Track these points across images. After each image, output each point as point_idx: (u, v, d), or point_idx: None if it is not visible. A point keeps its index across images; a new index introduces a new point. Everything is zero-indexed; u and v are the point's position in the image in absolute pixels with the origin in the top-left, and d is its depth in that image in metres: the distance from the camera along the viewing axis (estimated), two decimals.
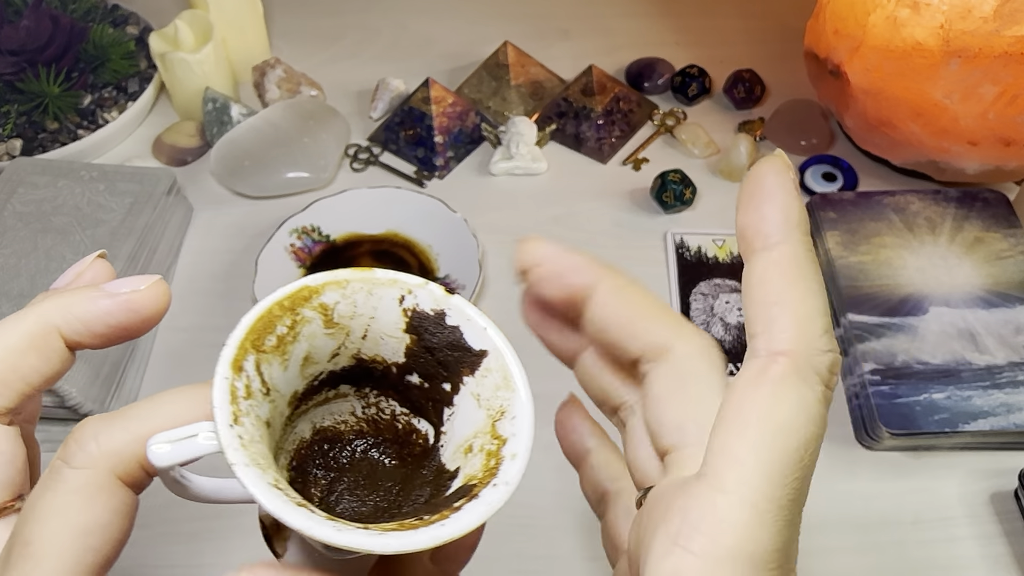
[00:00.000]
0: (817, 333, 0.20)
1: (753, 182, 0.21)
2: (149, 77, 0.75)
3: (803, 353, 0.20)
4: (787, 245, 0.20)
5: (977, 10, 0.56)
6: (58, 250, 0.57)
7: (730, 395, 0.20)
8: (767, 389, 0.19)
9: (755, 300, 0.21)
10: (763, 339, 0.20)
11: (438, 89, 0.71)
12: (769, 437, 0.19)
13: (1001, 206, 0.63)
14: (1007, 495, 0.52)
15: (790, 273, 0.20)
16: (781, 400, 0.19)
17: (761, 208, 0.21)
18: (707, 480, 0.19)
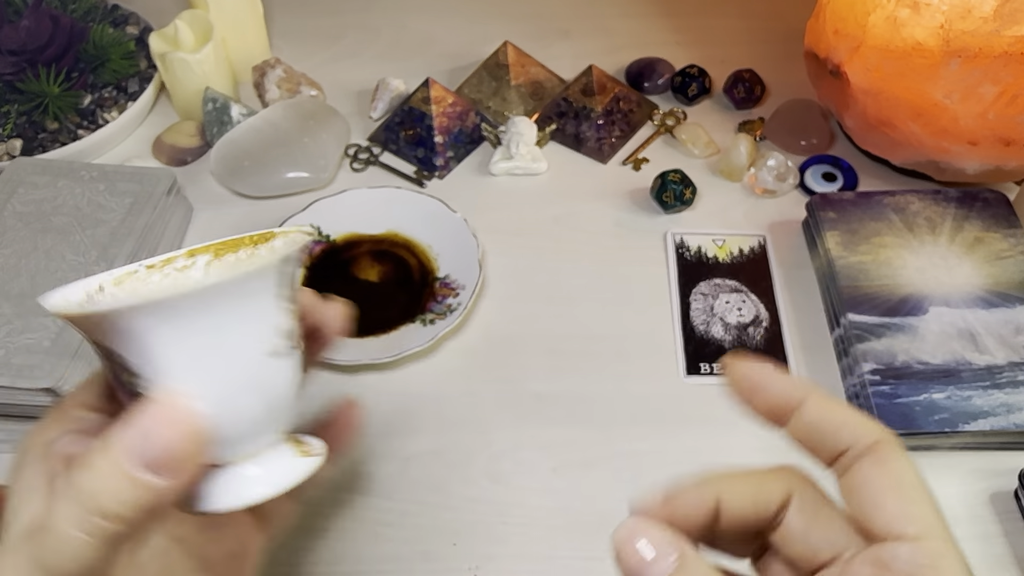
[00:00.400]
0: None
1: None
2: (149, 77, 0.75)
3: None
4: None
5: (977, 10, 0.56)
6: (58, 250, 0.57)
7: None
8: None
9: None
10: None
11: (438, 89, 0.71)
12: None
13: (1001, 206, 0.63)
14: (1007, 495, 0.52)
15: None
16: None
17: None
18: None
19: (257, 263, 0.25)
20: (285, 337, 0.26)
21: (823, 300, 0.62)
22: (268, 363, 0.26)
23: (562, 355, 0.59)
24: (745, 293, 0.62)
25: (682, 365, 0.58)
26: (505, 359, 0.59)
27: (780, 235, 0.66)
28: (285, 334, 0.26)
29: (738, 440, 0.54)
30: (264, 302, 0.26)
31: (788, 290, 0.63)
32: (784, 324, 0.60)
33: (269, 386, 0.26)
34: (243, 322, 0.26)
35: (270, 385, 0.26)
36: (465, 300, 0.59)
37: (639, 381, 0.57)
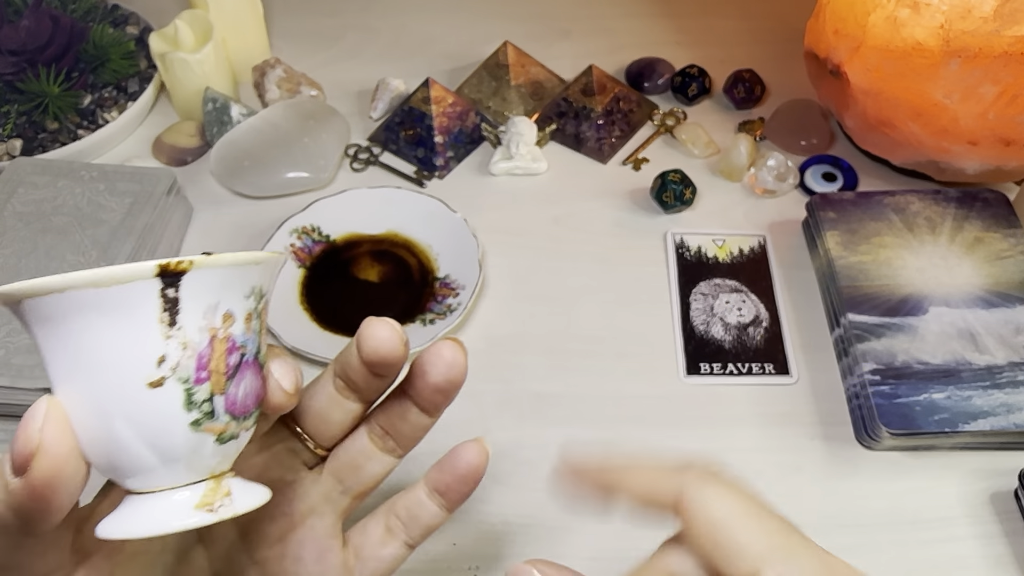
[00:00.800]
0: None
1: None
2: (149, 77, 0.75)
3: None
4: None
5: (977, 10, 0.56)
6: (58, 250, 0.57)
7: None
8: None
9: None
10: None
11: (438, 89, 0.71)
12: None
13: (1001, 206, 0.63)
14: (1007, 495, 0.52)
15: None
16: None
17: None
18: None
19: (123, 275, 0.23)
20: (167, 369, 0.24)
21: (823, 300, 0.62)
22: (146, 393, 0.24)
23: (562, 355, 0.59)
24: (745, 293, 0.62)
25: (682, 365, 0.58)
26: (505, 359, 0.59)
27: (780, 235, 0.66)
28: (169, 366, 0.24)
29: (738, 440, 0.54)
30: (141, 324, 0.24)
31: (788, 290, 0.63)
32: (784, 324, 0.60)
33: (144, 418, 0.24)
34: (120, 342, 0.24)
35: (146, 417, 0.24)
36: (465, 300, 0.59)
37: (639, 381, 0.57)
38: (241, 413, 0.26)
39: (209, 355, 0.25)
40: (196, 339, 0.25)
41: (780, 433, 0.55)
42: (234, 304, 0.26)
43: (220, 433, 0.26)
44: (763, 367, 0.58)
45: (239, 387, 0.26)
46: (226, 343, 0.25)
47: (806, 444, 0.54)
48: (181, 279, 0.24)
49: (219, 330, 0.25)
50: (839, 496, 0.52)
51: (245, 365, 0.26)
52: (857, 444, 0.54)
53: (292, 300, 0.61)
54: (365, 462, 0.34)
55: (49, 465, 0.24)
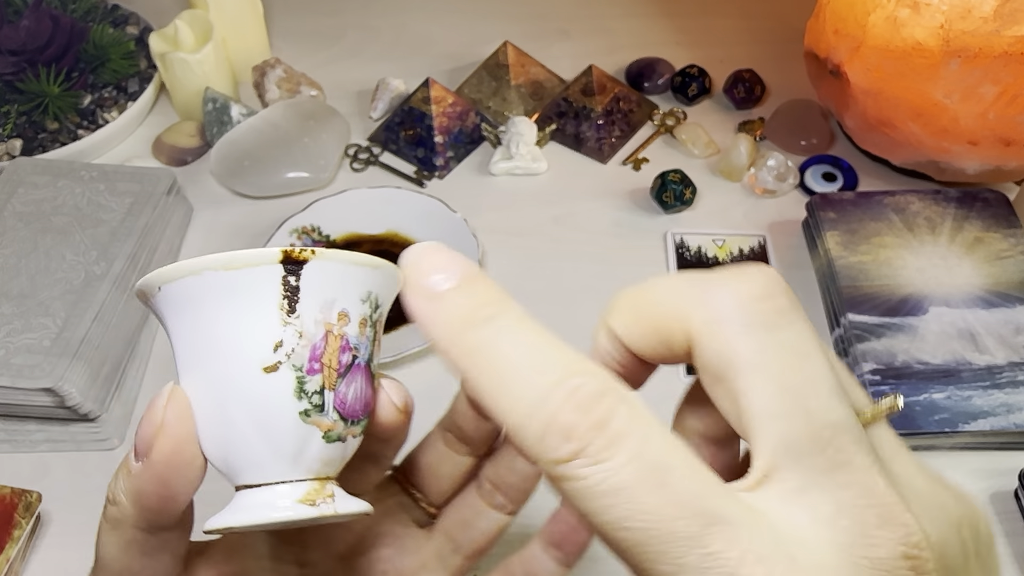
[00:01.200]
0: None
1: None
2: (149, 77, 0.75)
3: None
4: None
5: (977, 10, 0.56)
6: (58, 250, 0.57)
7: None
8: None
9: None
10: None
11: (438, 89, 0.71)
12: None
13: (1001, 206, 0.63)
14: (1007, 495, 0.52)
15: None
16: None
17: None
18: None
19: (252, 258, 0.24)
20: (283, 354, 0.25)
21: (823, 300, 0.62)
22: (261, 378, 0.25)
23: None
24: None
25: (682, 365, 0.58)
26: None
27: (780, 235, 0.66)
28: (284, 352, 0.25)
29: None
30: (263, 308, 0.25)
31: None
32: None
33: (258, 403, 0.25)
34: (242, 324, 0.25)
35: (259, 402, 0.25)
36: None
37: None
38: (350, 415, 0.26)
39: (323, 348, 0.25)
40: (312, 330, 0.25)
41: None
42: (350, 304, 0.26)
43: (328, 430, 0.26)
44: None
45: (349, 387, 0.26)
46: (340, 340, 0.26)
47: None
48: (303, 268, 0.25)
49: (334, 326, 0.26)
50: None
51: (356, 368, 0.26)
52: None
53: None
54: (475, 518, 0.32)
55: (171, 446, 0.24)
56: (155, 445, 0.24)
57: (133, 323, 0.58)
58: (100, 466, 0.53)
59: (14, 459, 0.54)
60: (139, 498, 0.25)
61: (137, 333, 0.58)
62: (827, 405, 0.19)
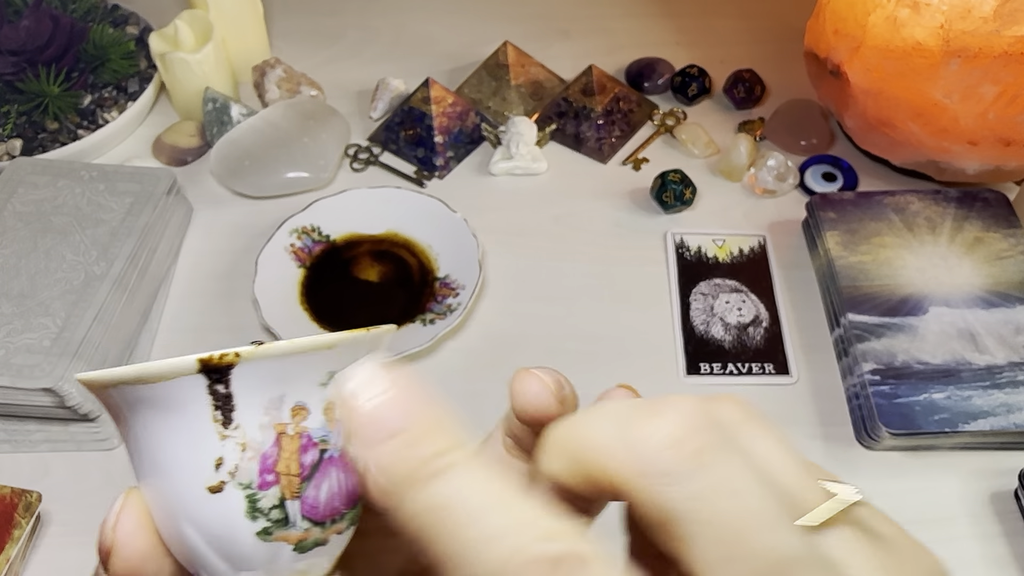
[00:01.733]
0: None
1: None
2: (149, 77, 0.75)
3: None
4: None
5: (977, 10, 0.56)
6: (58, 250, 0.57)
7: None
8: None
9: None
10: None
11: (438, 89, 0.71)
12: None
13: (1001, 206, 0.63)
14: (1007, 495, 0.52)
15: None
16: None
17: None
18: None
19: (166, 370, 0.21)
20: (225, 473, 0.22)
21: (823, 300, 0.62)
22: (207, 498, 0.22)
23: (562, 355, 0.59)
24: (745, 293, 0.62)
25: (682, 365, 0.58)
26: (505, 359, 0.59)
27: (780, 235, 0.66)
28: (227, 469, 0.22)
29: None
30: (195, 422, 0.22)
31: (788, 290, 0.63)
32: (784, 324, 0.60)
33: (209, 525, 0.22)
34: (178, 442, 0.22)
35: (210, 524, 0.22)
36: (465, 300, 0.59)
37: (639, 381, 0.57)
38: (327, 517, 0.23)
39: (276, 456, 0.22)
40: (258, 438, 0.22)
41: None
42: (306, 395, 0.23)
43: (299, 541, 0.23)
44: (763, 367, 0.58)
45: (320, 489, 0.23)
46: (299, 440, 0.22)
47: (806, 444, 0.54)
48: (230, 373, 0.22)
49: (288, 425, 0.22)
50: None
51: (329, 462, 0.23)
52: (857, 444, 0.54)
53: (292, 300, 0.61)
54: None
55: (125, 566, 0.22)
56: (110, 565, 0.22)
57: (133, 323, 0.58)
58: (100, 466, 0.53)
59: (14, 459, 0.54)
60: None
61: (137, 333, 0.58)
62: (771, 541, 0.19)
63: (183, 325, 0.60)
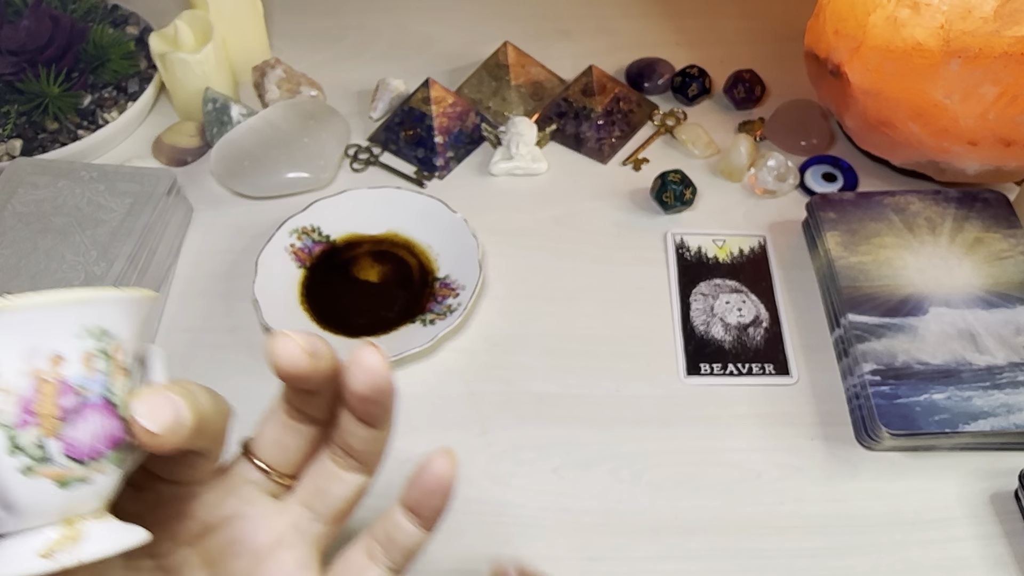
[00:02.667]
0: None
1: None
2: (149, 77, 0.75)
3: None
4: None
5: (977, 10, 0.56)
6: (58, 250, 0.57)
7: None
8: None
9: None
10: None
11: (438, 89, 0.71)
12: None
13: (1001, 206, 0.63)
14: (1007, 495, 0.52)
15: None
16: None
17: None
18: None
19: None
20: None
21: (823, 300, 0.62)
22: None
23: (562, 355, 0.59)
24: (745, 293, 0.62)
25: (682, 365, 0.58)
26: (505, 359, 0.59)
27: (780, 235, 0.66)
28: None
29: (738, 440, 0.54)
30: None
31: (788, 290, 0.63)
32: (784, 324, 0.60)
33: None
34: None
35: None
36: (465, 300, 0.59)
37: (639, 381, 0.57)
38: (88, 456, 0.26)
39: (35, 398, 0.25)
40: (16, 382, 0.24)
41: (780, 433, 0.55)
42: (62, 345, 0.25)
43: (61, 477, 0.25)
44: (763, 367, 0.58)
45: (78, 430, 0.25)
46: (57, 385, 0.25)
47: (806, 444, 0.54)
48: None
49: (45, 372, 0.25)
50: (839, 497, 0.52)
51: (87, 407, 0.26)
52: (857, 444, 0.54)
53: (292, 300, 0.61)
54: (329, 484, 0.32)
55: None
56: None
57: None
58: None
59: None
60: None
61: None
62: None
63: (183, 325, 0.60)
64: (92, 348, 0.26)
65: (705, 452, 0.54)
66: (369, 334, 0.59)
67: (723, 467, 0.53)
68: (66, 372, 0.25)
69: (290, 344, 0.28)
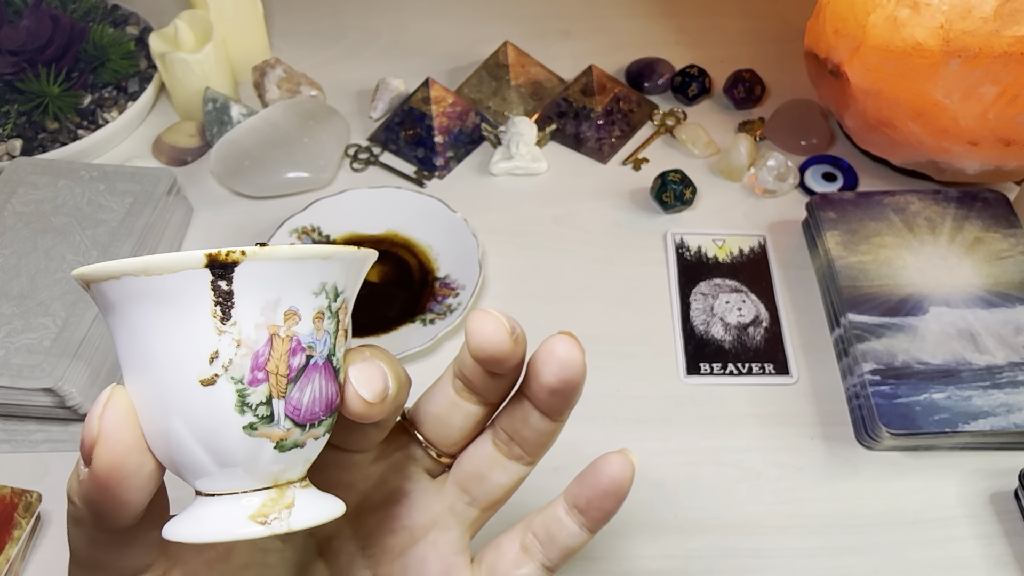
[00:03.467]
0: None
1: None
2: (149, 77, 0.75)
3: None
4: None
5: (977, 10, 0.56)
6: (58, 250, 0.57)
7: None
8: None
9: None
10: None
11: (438, 89, 0.71)
12: None
13: (1001, 206, 0.63)
14: (1007, 495, 0.52)
15: None
16: None
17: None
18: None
19: (173, 263, 0.22)
20: (219, 366, 0.23)
21: (823, 300, 0.62)
22: (198, 391, 0.23)
23: None
24: (745, 293, 0.62)
25: (682, 365, 0.58)
26: None
27: (780, 235, 0.66)
28: (221, 363, 0.23)
29: (738, 440, 0.54)
30: (194, 316, 0.23)
31: (788, 290, 0.63)
32: (784, 324, 0.60)
33: (198, 418, 0.23)
34: (174, 334, 0.23)
35: (199, 417, 0.23)
36: (465, 300, 0.59)
37: (639, 381, 0.57)
38: (307, 420, 0.24)
39: (267, 355, 0.23)
40: (252, 336, 0.23)
41: (780, 433, 0.55)
42: (299, 301, 0.24)
43: (280, 440, 0.24)
44: (763, 367, 0.58)
45: (304, 392, 0.24)
46: (289, 343, 0.23)
47: (806, 444, 0.54)
48: (234, 271, 0.22)
49: (280, 328, 0.23)
50: (839, 496, 0.52)
51: (313, 368, 0.24)
52: (857, 444, 0.54)
53: None
54: (490, 470, 0.30)
55: (109, 456, 0.23)
56: (94, 456, 0.23)
57: None
58: None
59: (14, 459, 0.54)
60: (90, 504, 0.24)
61: None
62: None
63: None
64: (324, 306, 0.24)
65: (705, 452, 0.54)
66: (369, 334, 0.59)
67: (723, 467, 0.53)
68: (300, 330, 0.24)
69: (493, 323, 0.26)
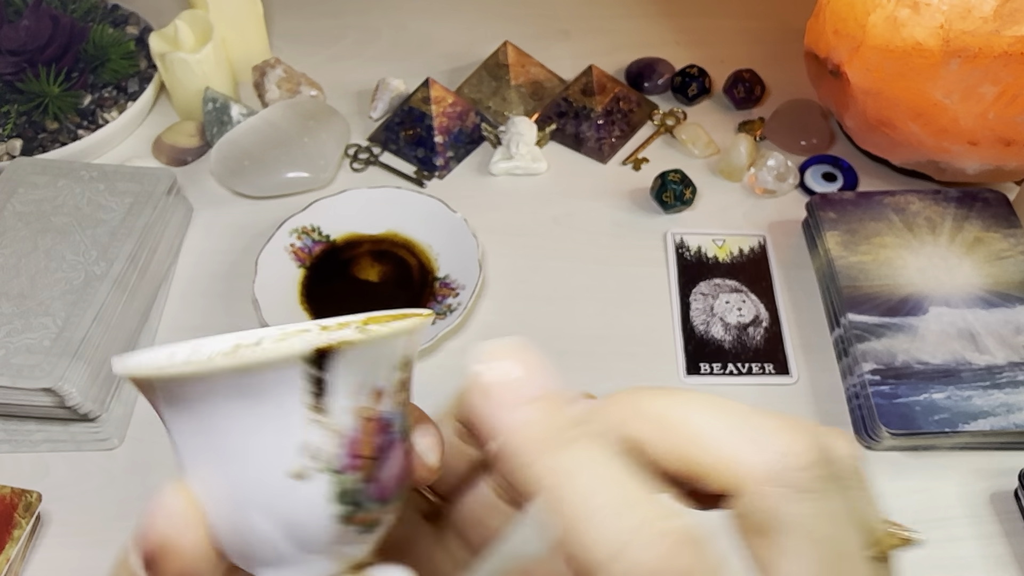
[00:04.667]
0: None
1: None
2: (149, 77, 0.75)
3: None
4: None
5: (977, 10, 0.56)
6: (58, 250, 0.57)
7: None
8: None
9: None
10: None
11: (438, 89, 0.71)
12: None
13: (1001, 206, 0.63)
14: (1007, 495, 0.52)
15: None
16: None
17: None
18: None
19: (264, 362, 0.20)
20: (313, 458, 0.21)
21: (823, 300, 0.62)
22: (287, 484, 0.21)
23: (562, 355, 0.59)
24: (745, 293, 0.62)
25: (682, 365, 0.58)
26: None
27: (780, 235, 0.66)
28: (313, 454, 0.21)
29: None
30: (283, 408, 0.21)
31: (788, 290, 0.63)
32: (784, 324, 0.60)
33: (286, 511, 0.21)
34: (259, 429, 0.21)
35: (287, 510, 0.21)
36: (465, 300, 0.59)
37: (639, 381, 0.57)
38: (389, 497, 0.23)
39: (360, 439, 0.22)
40: (343, 423, 0.21)
41: None
42: (384, 378, 0.22)
43: (365, 522, 0.22)
44: (763, 367, 0.58)
45: (385, 470, 0.22)
46: (376, 423, 0.22)
47: None
48: (334, 359, 0.21)
49: (369, 410, 0.22)
50: None
51: (393, 444, 0.23)
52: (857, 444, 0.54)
53: (292, 300, 0.61)
54: (489, 516, 0.29)
55: (178, 567, 0.21)
56: (162, 568, 0.21)
57: (133, 323, 0.58)
58: (100, 466, 0.53)
59: (14, 459, 0.54)
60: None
61: (137, 333, 0.58)
62: (854, 570, 0.21)
63: (183, 325, 0.60)
64: (402, 379, 0.23)
65: None
66: None
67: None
68: (383, 408, 0.22)
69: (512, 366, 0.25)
